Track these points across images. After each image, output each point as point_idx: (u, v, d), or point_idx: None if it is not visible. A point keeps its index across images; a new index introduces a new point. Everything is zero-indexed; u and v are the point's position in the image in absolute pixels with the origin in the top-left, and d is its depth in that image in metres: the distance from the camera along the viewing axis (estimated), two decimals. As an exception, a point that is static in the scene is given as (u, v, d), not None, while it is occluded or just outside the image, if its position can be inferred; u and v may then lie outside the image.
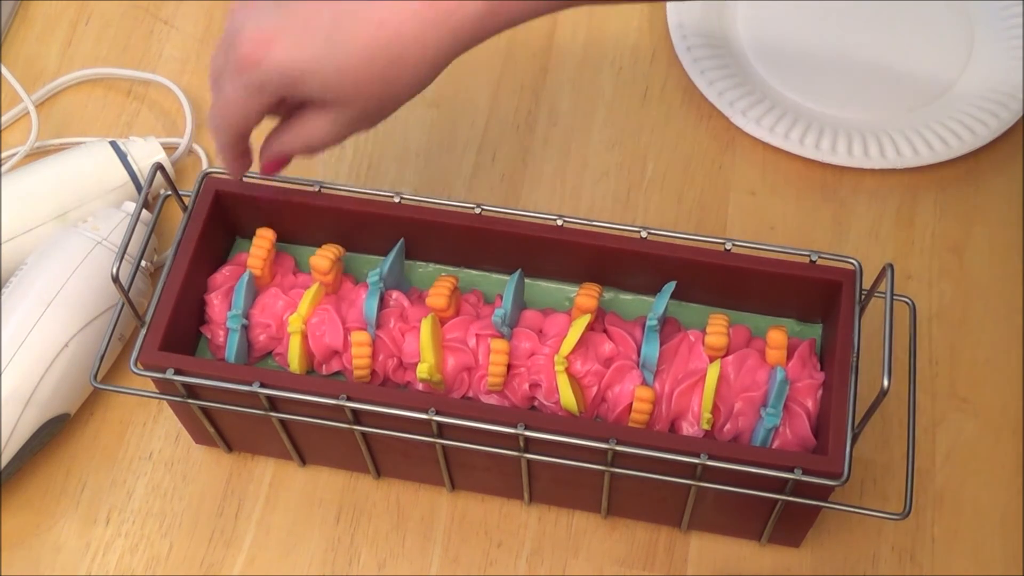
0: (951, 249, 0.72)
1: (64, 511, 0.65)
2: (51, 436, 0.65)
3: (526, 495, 0.63)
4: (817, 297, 0.61)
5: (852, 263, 0.59)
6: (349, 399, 0.56)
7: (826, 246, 0.72)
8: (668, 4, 0.80)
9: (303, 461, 0.65)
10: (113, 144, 0.72)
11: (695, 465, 0.54)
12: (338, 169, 0.76)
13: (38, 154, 0.76)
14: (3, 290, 0.65)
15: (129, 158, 0.72)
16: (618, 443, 0.54)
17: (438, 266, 0.66)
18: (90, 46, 0.82)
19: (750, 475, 0.54)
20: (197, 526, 0.65)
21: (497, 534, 0.64)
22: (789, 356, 0.60)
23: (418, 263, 0.66)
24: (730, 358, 0.59)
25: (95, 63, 0.81)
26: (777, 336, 0.59)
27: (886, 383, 0.51)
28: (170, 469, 0.66)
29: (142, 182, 0.72)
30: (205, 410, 0.61)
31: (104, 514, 0.65)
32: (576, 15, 0.81)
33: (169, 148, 0.75)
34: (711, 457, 0.54)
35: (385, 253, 0.64)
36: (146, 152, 0.72)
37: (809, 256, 0.60)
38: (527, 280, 0.64)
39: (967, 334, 0.69)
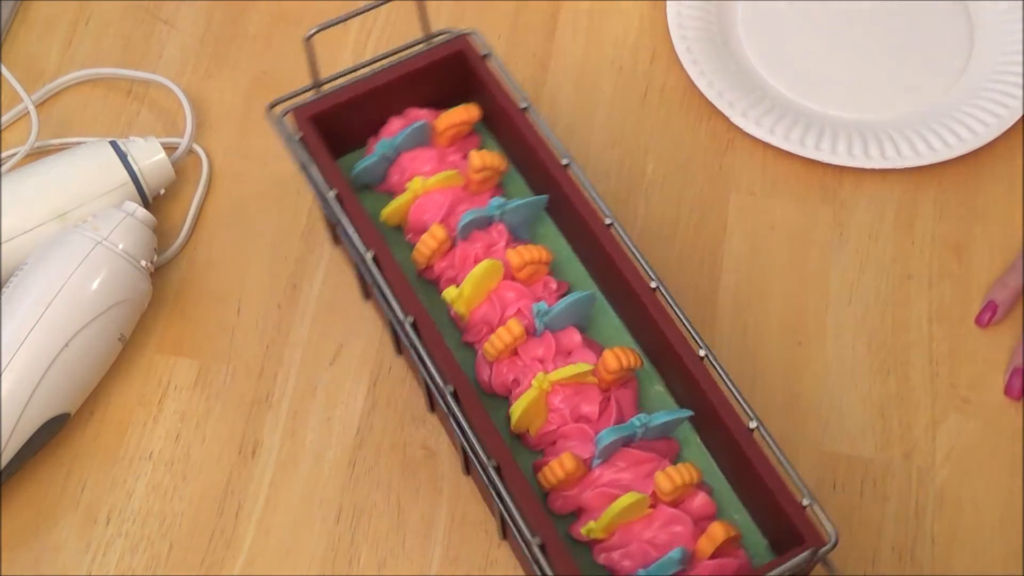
0: (951, 249, 0.72)
1: (64, 511, 0.65)
2: (51, 436, 0.65)
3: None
4: None
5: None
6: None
7: (826, 246, 0.72)
8: (668, 4, 0.80)
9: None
10: (113, 144, 0.72)
11: None
12: (338, 169, 0.76)
13: (38, 154, 0.76)
14: (3, 290, 0.65)
15: (129, 158, 0.72)
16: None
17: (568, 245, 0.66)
18: (90, 46, 0.82)
19: None
20: (197, 526, 0.65)
21: (497, 534, 0.64)
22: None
23: (560, 232, 0.66)
24: (663, 516, 0.56)
25: (95, 63, 0.81)
26: (716, 530, 0.55)
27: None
28: (170, 469, 0.66)
29: (142, 182, 0.72)
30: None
31: (104, 514, 0.65)
32: (576, 15, 0.82)
33: (169, 148, 0.75)
34: None
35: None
36: (146, 152, 0.72)
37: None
38: (608, 309, 0.64)
39: (967, 334, 0.69)
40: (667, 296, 0.59)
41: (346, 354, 0.69)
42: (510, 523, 0.55)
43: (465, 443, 0.57)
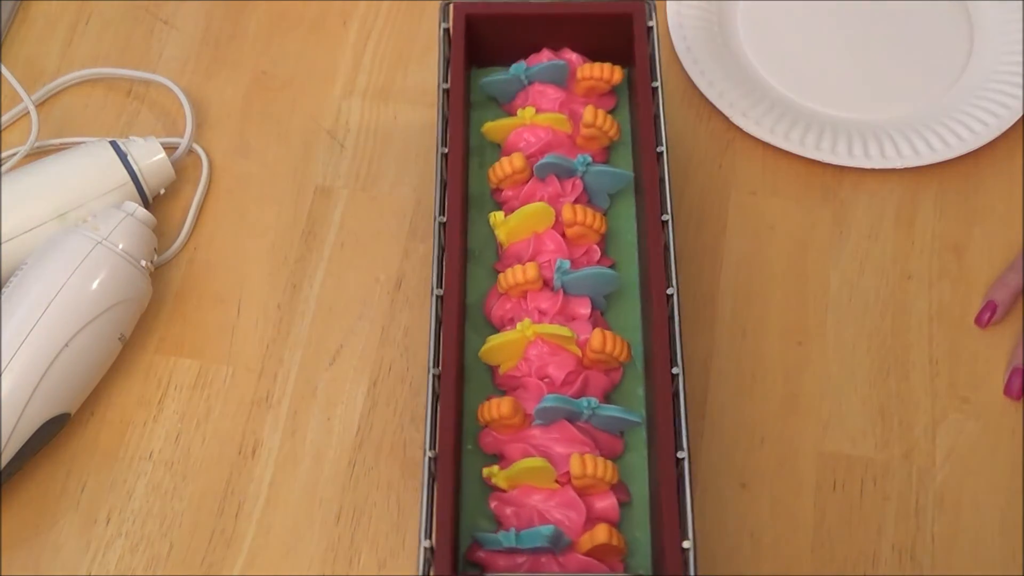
0: (951, 249, 0.72)
1: (64, 511, 0.65)
2: (51, 436, 0.65)
3: None
4: None
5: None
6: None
7: (826, 246, 0.72)
8: (668, 4, 0.80)
9: None
10: (113, 144, 0.72)
11: None
12: (338, 168, 0.76)
13: (38, 154, 0.76)
14: (3, 290, 0.65)
15: (129, 158, 0.72)
16: None
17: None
18: (90, 46, 0.82)
19: None
20: (197, 526, 0.65)
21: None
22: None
23: (636, 214, 0.66)
24: (563, 497, 0.56)
25: (95, 63, 0.81)
26: (600, 531, 0.55)
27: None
28: (170, 469, 0.66)
29: (142, 182, 0.72)
30: None
31: (104, 514, 0.65)
32: (576, 15, 0.81)
33: (169, 148, 0.75)
34: None
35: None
36: (146, 152, 0.72)
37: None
38: (636, 303, 0.64)
39: (967, 334, 0.69)
40: (676, 308, 0.59)
41: (346, 354, 0.69)
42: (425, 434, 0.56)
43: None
